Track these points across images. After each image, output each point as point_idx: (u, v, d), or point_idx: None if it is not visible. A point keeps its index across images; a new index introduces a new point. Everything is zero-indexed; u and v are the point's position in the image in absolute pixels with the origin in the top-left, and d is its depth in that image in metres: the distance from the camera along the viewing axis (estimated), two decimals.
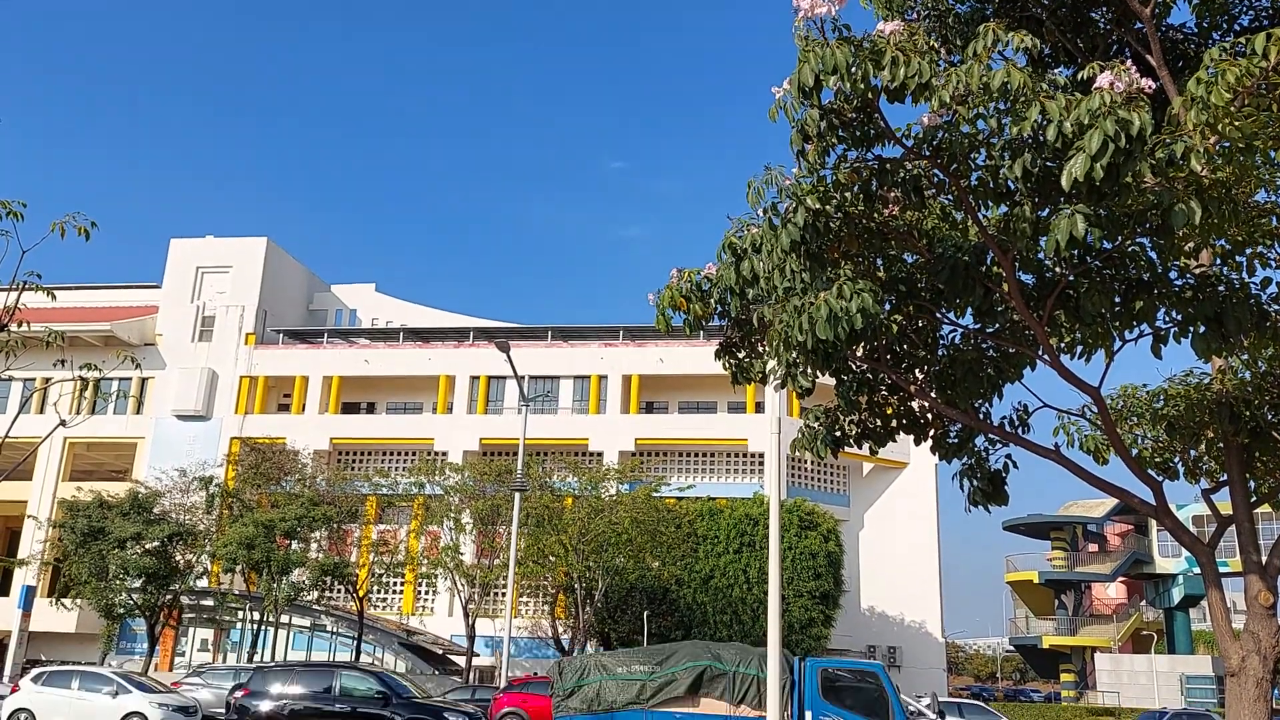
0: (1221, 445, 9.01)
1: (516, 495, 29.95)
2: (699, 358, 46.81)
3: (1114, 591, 59.69)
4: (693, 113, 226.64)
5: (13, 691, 22.87)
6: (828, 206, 7.54)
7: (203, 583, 40.19)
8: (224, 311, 54.07)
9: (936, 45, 6.92)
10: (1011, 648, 69.61)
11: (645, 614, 39.09)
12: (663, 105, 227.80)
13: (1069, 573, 53.83)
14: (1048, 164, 6.77)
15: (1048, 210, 7.09)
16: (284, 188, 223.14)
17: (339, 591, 44.44)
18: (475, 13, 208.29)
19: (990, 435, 9.44)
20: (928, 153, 7.24)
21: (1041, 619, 57.72)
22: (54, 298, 12.10)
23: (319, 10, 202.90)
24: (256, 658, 37.38)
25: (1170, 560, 52.61)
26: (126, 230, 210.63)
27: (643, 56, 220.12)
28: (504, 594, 39.19)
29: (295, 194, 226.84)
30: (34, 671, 24.13)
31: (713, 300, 8.66)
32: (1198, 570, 51.19)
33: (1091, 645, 51.85)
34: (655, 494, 40.57)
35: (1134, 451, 9.79)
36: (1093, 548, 55.92)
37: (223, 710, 22.97)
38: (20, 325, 11.55)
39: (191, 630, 45.71)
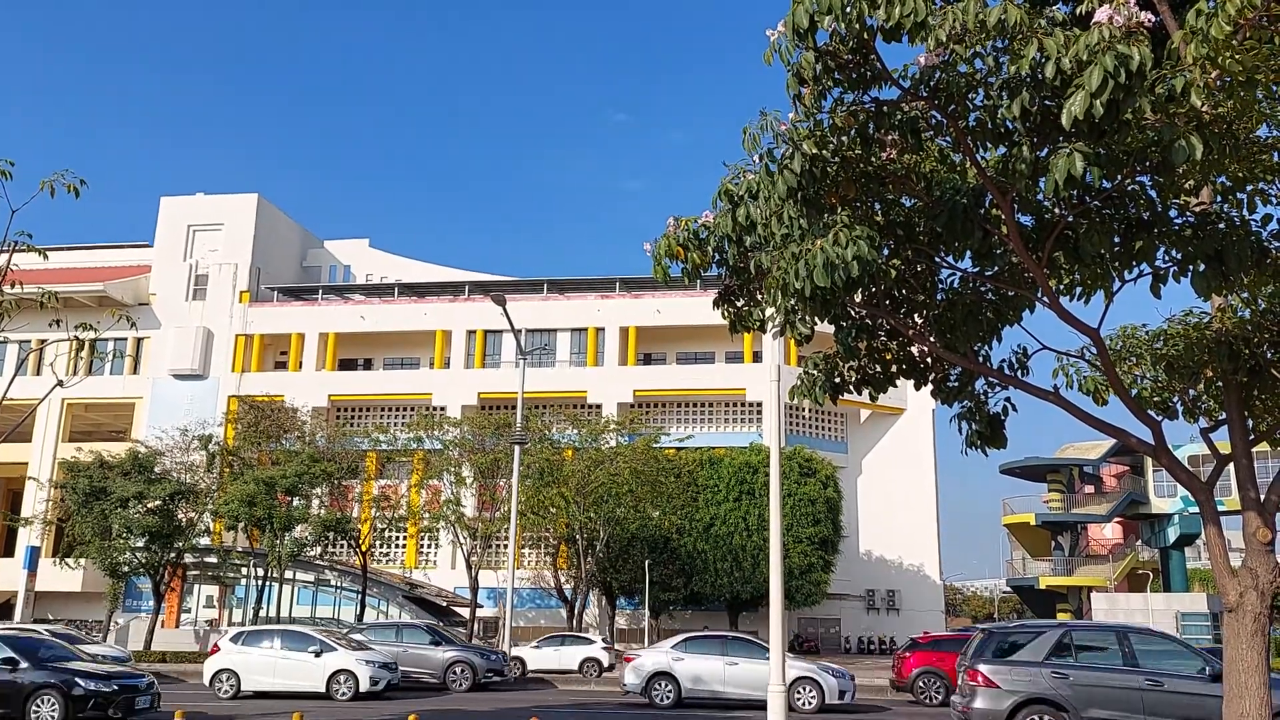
0: (1220, 384, 9.01)
1: (516, 448, 30.02)
2: (696, 308, 46.77)
3: (1110, 532, 60.20)
4: (697, 63, 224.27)
5: (212, 653, 23.29)
6: (824, 151, 7.45)
7: (206, 541, 40.44)
8: (217, 269, 53.82)
9: None
10: (1009, 588, 70.30)
11: (647, 563, 39.46)
12: (666, 56, 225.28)
13: (1066, 514, 54.23)
14: (1046, 102, 6.68)
15: (1046, 150, 7.00)
16: (274, 144, 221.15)
17: (342, 547, 44.78)
18: None
19: (990, 378, 9.43)
20: (925, 94, 7.13)
21: (1038, 560, 58.24)
22: (46, 258, 12.02)
23: None
24: (262, 613, 37.78)
25: (1166, 500, 53.01)
26: (116, 190, 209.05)
27: (647, 6, 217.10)
28: (506, 546, 39.51)
29: (286, 150, 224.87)
30: (232, 631, 24.68)
31: (710, 248, 8.56)
32: (1193, 510, 51.28)
33: (1088, 585, 52.41)
34: (655, 445, 40.76)
35: (1133, 392, 9.77)
36: (1089, 489, 56.27)
37: None
38: (13, 286, 11.49)
39: (196, 587, 46.16)
